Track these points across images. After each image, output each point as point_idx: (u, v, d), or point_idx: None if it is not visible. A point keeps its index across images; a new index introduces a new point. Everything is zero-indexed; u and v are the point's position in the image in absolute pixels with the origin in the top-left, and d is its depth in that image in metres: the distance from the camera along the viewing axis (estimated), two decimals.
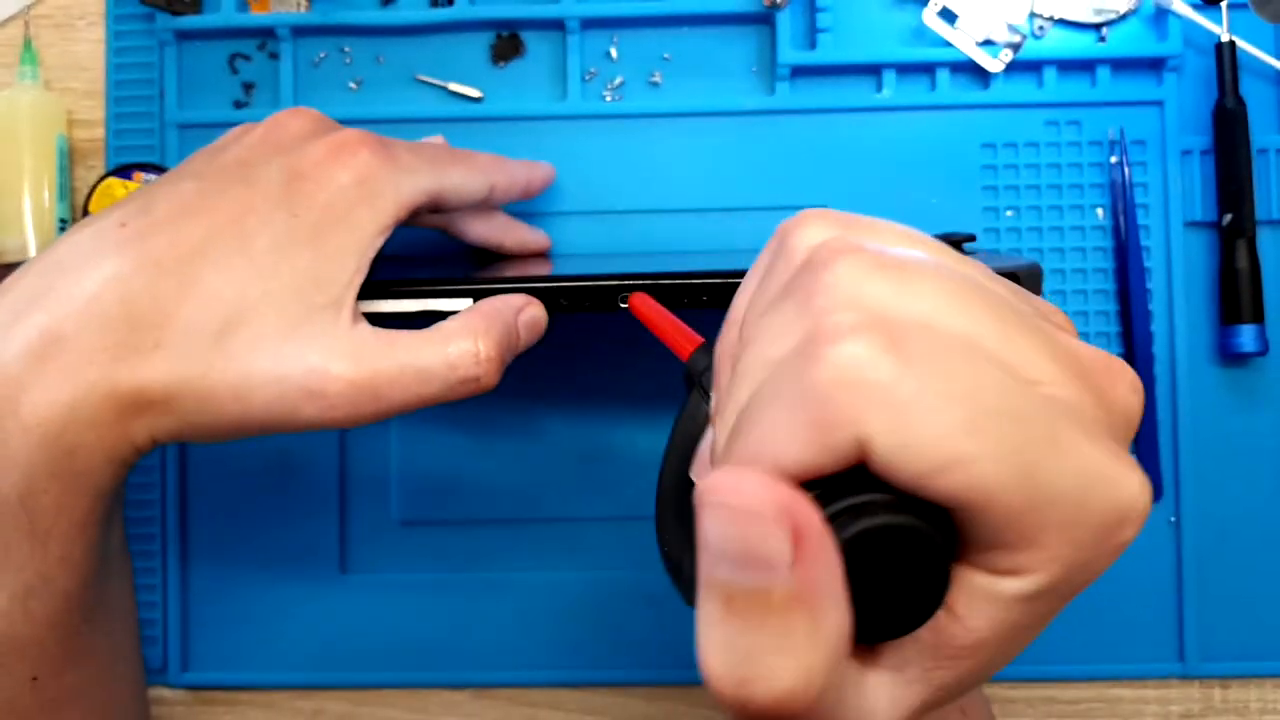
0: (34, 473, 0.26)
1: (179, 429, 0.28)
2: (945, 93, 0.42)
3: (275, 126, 0.31)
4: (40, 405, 0.26)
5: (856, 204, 0.42)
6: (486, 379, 0.29)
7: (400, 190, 0.30)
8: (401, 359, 0.29)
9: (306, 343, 0.28)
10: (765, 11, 0.42)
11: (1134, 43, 0.42)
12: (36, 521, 0.26)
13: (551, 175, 0.40)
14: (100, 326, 0.27)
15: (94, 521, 0.28)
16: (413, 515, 0.42)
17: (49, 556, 0.27)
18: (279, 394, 0.28)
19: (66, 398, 0.26)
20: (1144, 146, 0.42)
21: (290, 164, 0.29)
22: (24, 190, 0.42)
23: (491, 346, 0.29)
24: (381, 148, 0.31)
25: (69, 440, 0.26)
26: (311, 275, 0.28)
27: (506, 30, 0.43)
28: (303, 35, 0.43)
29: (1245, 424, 0.42)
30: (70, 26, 0.44)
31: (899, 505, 0.17)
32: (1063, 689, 0.42)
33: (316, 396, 0.28)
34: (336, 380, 0.28)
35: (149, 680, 0.42)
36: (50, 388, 0.26)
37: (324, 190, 0.29)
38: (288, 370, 0.28)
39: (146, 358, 0.27)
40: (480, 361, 0.29)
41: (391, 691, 0.43)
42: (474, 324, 0.30)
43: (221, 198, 0.29)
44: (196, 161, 0.31)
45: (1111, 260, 0.42)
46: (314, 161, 0.29)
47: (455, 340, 0.29)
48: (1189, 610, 0.41)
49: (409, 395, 0.29)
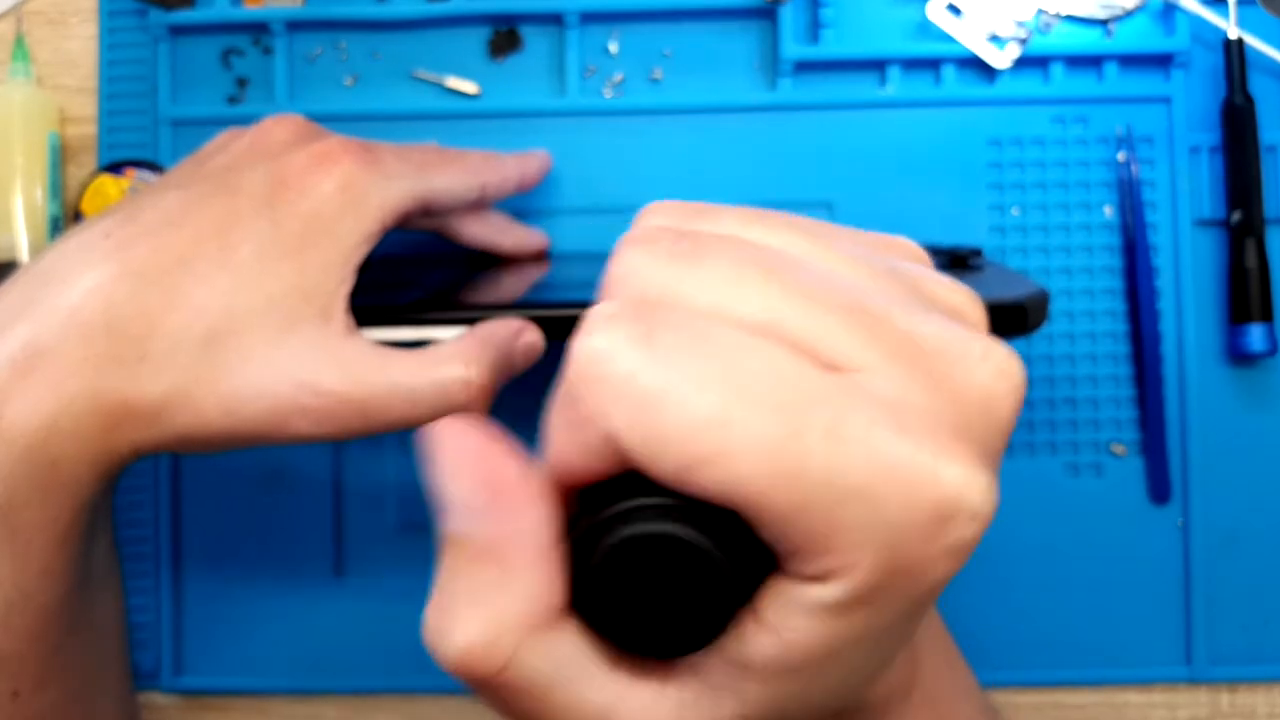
0: (15, 485, 0.26)
1: (165, 440, 0.28)
2: (950, 88, 0.41)
3: (260, 134, 0.31)
4: (22, 417, 0.26)
5: (860, 201, 0.41)
6: (475, 406, 0.29)
7: (385, 197, 0.30)
8: (392, 378, 0.28)
9: (296, 355, 0.28)
10: (767, 6, 0.41)
11: (1141, 38, 0.41)
12: (17, 534, 0.26)
13: (547, 163, 0.39)
14: (82, 338, 0.26)
15: (76, 534, 0.28)
16: (409, 519, 0.42)
17: (29, 570, 0.26)
18: (269, 407, 0.27)
19: (49, 410, 0.26)
20: (1152, 143, 0.41)
21: (274, 172, 0.29)
22: (16, 187, 0.42)
23: (483, 374, 0.29)
24: (365, 154, 0.30)
25: (52, 452, 0.26)
26: (296, 285, 0.28)
27: (504, 24, 0.43)
28: (297, 30, 0.43)
29: (1254, 424, 0.41)
30: (63, 23, 0.44)
31: (679, 511, 0.16)
32: (1069, 694, 0.41)
33: (307, 410, 0.28)
34: (326, 395, 0.28)
35: (141, 685, 0.42)
36: (32, 400, 0.26)
37: (307, 199, 0.29)
38: (277, 383, 0.27)
39: (130, 370, 0.27)
40: (470, 389, 0.29)
41: (387, 697, 0.42)
42: (468, 350, 0.29)
43: (205, 207, 0.28)
44: (182, 170, 0.31)
45: (1119, 258, 0.41)
46: (297, 170, 0.29)
47: (447, 365, 0.29)
48: (1196, 614, 0.41)
49: (397, 416, 0.29)
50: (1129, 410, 0.41)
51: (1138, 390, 0.41)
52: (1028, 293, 0.29)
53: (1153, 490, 0.41)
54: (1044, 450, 0.41)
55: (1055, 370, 0.41)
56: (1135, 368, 0.41)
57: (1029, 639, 0.41)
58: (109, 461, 0.27)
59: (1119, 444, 0.41)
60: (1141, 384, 0.41)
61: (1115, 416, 0.41)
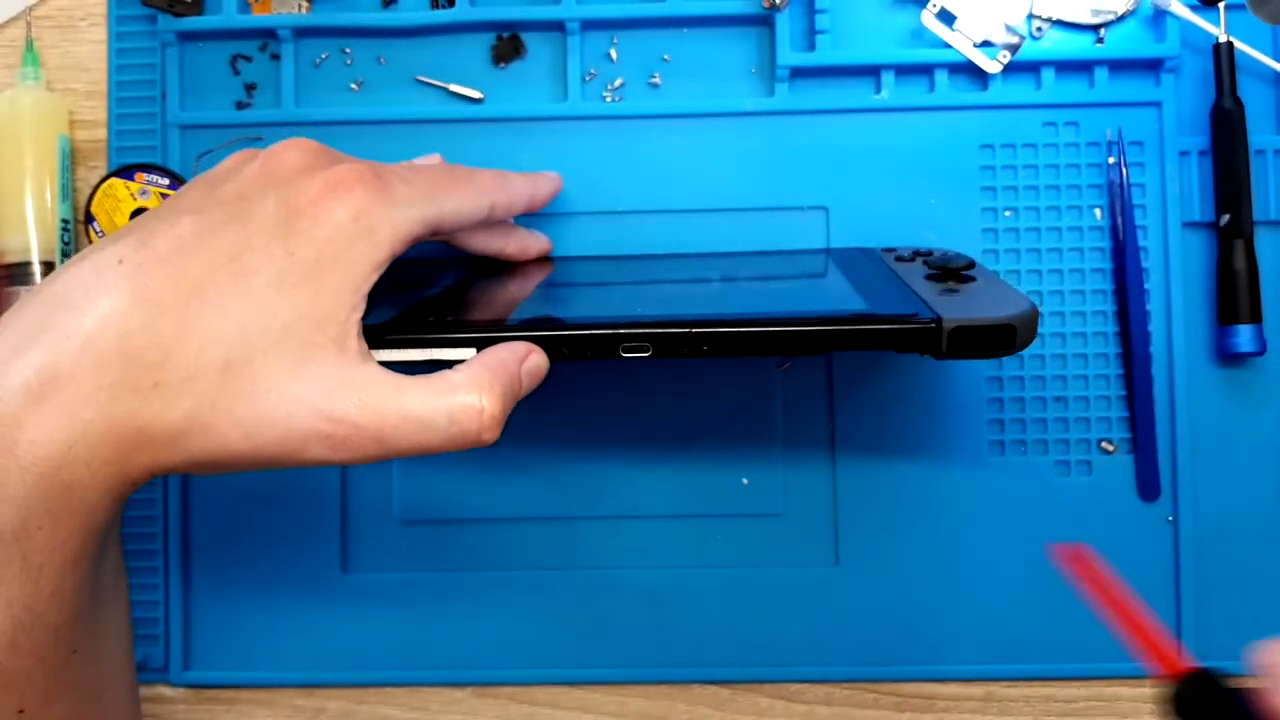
0: (30, 509, 0.26)
1: (180, 464, 0.28)
2: (944, 94, 0.42)
3: (272, 159, 0.31)
4: (37, 444, 0.26)
5: (855, 204, 0.42)
6: (487, 435, 0.30)
7: (396, 225, 0.31)
8: (406, 407, 0.29)
9: (314, 383, 0.28)
10: (764, 13, 0.42)
11: (1132, 44, 0.42)
12: (29, 557, 0.26)
13: (558, 187, 0.40)
14: (98, 365, 0.27)
15: (88, 556, 0.28)
16: (414, 514, 0.43)
17: (40, 592, 0.27)
18: (287, 433, 0.28)
19: (64, 437, 0.26)
20: (1142, 147, 0.42)
21: (287, 199, 0.29)
22: (26, 191, 0.42)
23: (495, 403, 0.30)
24: (377, 182, 0.31)
25: (66, 478, 0.26)
26: (311, 313, 0.29)
27: (507, 31, 0.43)
28: (304, 36, 0.43)
29: (1243, 424, 0.42)
30: (72, 27, 0.45)
31: None
32: (1060, 687, 0.42)
33: (324, 438, 0.28)
34: (342, 423, 0.28)
35: (150, 679, 0.43)
36: (47, 427, 0.26)
37: (320, 227, 0.29)
38: (295, 410, 0.28)
39: (146, 397, 0.27)
40: (483, 418, 0.29)
41: (392, 690, 0.43)
42: (481, 378, 0.30)
43: (218, 234, 0.29)
44: (194, 192, 0.31)
45: (1109, 261, 0.42)
46: (310, 198, 0.29)
47: (460, 394, 0.29)
48: (1186, 609, 0.41)
49: (411, 443, 0.29)
50: (1119, 409, 0.42)
51: (1127, 389, 0.42)
52: (1018, 311, 0.29)
53: (1142, 488, 0.41)
54: (1035, 448, 0.42)
55: (1046, 369, 0.42)
56: (1125, 367, 0.42)
57: (1020, 633, 0.41)
58: (123, 485, 0.28)
59: (1109, 442, 0.42)
60: (1131, 383, 0.41)
61: (1105, 415, 0.42)
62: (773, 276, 0.37)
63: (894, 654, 0.42)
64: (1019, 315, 0.29)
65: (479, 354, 0.31)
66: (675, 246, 0.42)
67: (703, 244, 0.42)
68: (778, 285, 0.35)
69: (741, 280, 0.37)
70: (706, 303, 0.33)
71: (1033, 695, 0.42)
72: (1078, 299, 0.42)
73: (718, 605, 0.42)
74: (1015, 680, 0.42)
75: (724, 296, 0.35)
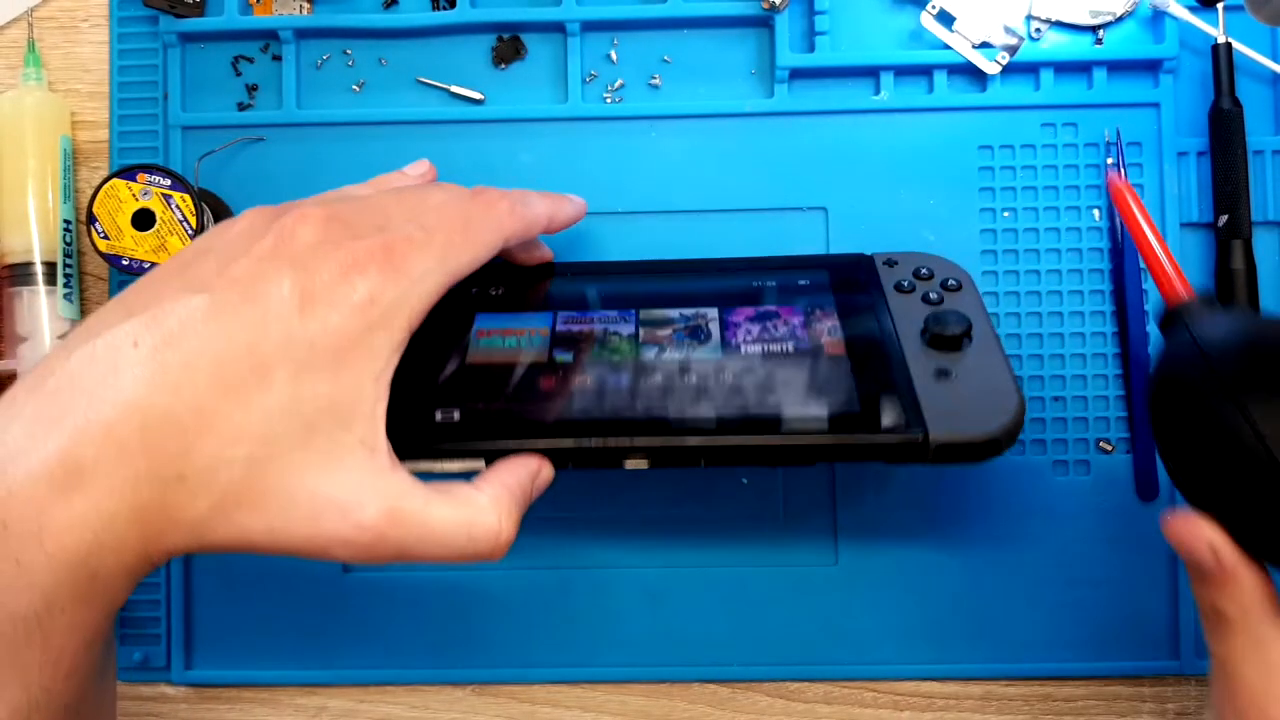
0: (55, 595, 0.26)
1: (202, 549, 0.28)
2: (943, 95, 0.42)
3: (285, 236, 0.30)
4: (63, 534, 0.26)
5: (854, 205, 0.42)
6: (498, 555, 0.31)
7: (413, 305, 0.30)
8: (431, 522, 0.29)
9: (342, 486, 0.28)
10: (764, 14, 0.42)
11: (1130, 45, 0.42)
12: (50, 639, 0.26)
13: (580, 212, 0.39)
14: (120, 457, 0.26)
15: (103, 636, 0.28)
16: None
17: (58, 673, 0.26)
18: (312, 535, 0.28)
19: (91, 527, 0.26)
20: (1140, 148, 0.42)
21: (302, 284, 0.29)
22: (28, 191, 0.42)
23: (511, 527, 0.30)
24: (390, 260, 0.30)
25: (93, 564, 0.26)
26: (332, 405, 0.28)
27: (508, 33, 0.43)
28: (305, 37, 0.44)
29: None
30: (74, 28, 0.45)
31: None
32: (1059, 686, 0.42)
33: (347, 543, 0.28)
34: (369, 530, 0.28)
35: (152, 678, 0.43)
36: (75, 517, 0.26)
37: (337, 312, 0.29)
38: (323, 512, 0.28)
39: (170, 488, 0.27)
40: (499, 540, 0.30)
41: (393, 688, 0.43)
42: (501, 499, 0.31)
43: (234, 320, 0.28)
44: (204, 264, 0.30)
45: (1108, 261, 0.42)
46: (325, 283, 0.29)
47: (483, 516, 0.30)
48: (1184, 608, 0.41)
49: (426, 555, 0.29)
50: (1117, 409, 0.42)
51: (1125, 389, 0.42)
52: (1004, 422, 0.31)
53: (1140, 487, 0.42)
54: (1033, 448, 0.42)
55: (1045, 369, 0.42)
56: (1123, 367, 0.42)
57: (1018, 632, 0.42)
58: (145, 567, 0.28)
59: (1107, 442, 0.42)
60: (1129, 383, 0.41)
61: (1103, 415, 0.42)
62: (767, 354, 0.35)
63: (894, 654, 0.42)
64: (1004, 427, 0.31)
65: (498, 468, 0.32)
66: (675, 247, 0.42)
67: (703, 244, 0.42)
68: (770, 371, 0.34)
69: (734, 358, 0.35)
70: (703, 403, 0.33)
71: (1031, 694, 0.42)
72: (1076, 299, 0.42)
73: (718, 605, 0.42)
74: (1015, 680, 0.42)
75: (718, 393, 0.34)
